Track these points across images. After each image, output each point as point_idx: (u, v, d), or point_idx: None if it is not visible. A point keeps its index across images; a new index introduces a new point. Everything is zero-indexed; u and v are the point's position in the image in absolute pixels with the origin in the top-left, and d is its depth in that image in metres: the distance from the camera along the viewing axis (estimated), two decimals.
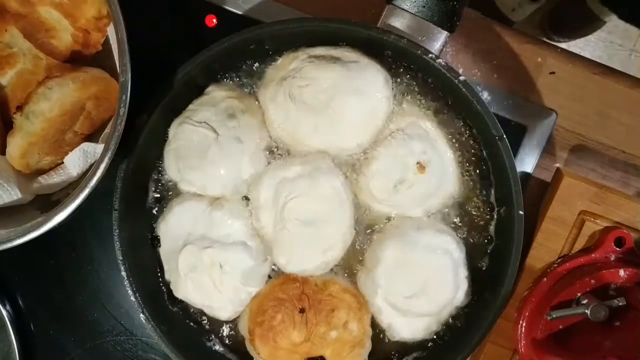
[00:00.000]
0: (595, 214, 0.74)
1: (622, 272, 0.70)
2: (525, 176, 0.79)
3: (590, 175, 0.80)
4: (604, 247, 0.73)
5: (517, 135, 0.79)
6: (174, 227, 0.71)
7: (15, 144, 0.65)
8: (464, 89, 0.66)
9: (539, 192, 0.79)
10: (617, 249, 0.72)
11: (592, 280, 0.71)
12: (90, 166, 0.67)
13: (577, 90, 0.80)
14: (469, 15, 0.77)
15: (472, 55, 0.79)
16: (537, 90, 0.80)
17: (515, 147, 0.79)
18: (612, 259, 0.73)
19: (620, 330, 0.69)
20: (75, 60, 0.68)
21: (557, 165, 0.81)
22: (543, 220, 0.75)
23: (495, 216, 0.71)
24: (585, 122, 0.80)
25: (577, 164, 0.81)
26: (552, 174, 0.79)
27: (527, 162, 0.79)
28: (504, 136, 0.66)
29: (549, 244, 0.75)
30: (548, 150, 0.80)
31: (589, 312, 0.69)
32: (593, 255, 0.73)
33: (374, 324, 0.72)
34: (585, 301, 0.70)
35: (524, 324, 0.73)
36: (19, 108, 0.64)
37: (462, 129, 0.72)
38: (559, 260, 0.75)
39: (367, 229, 0.72)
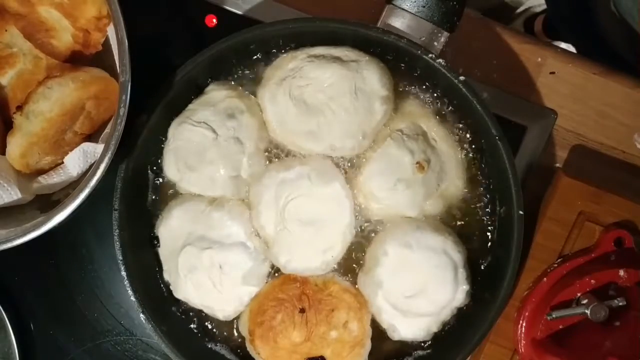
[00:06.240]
0: (595, 214, 0.74)
1: (622, 272, 0.70)
2: (526, 176, 0.79)
3: (590, 175, 0.80)
4: (604, 247, 0.73)
5: (517, 135, 0.79)
6: (174, 227, 0.71)
7: (15, 144, 0.65)
8: (464, 89, 0.66)
9: (539, 192, 0.78)
10: (617, 249, 0.72)
11: (592, 280, 0.71)
12: (90, 166, 0.67)
13: (577, 90, 0.80)
14: (469, 15, 0.77)
15: (472, 55, 0.79)
16: (537, 90, 0.80)
17: (515, 147, 0.78)
18: (612, 259, 0.73)
19: (620, 330, 0.69)
20: (76, 60, 0.68)
21: (557, 165, 0.81)
22: (543, 220, 0.75)
23: (496, 216, 0.71)
24: (585, 122, 0.80)
25: (577, 164, 0.81)
26: (552, 174, 0.78)
27: (527, 162, 0.79)
28: (504, 136, 0.66)
29: (549, 244, 0.75)
30: (548, 150, 0.80)
31: (589, 312, 0.69)
32: (593, 255, 0.73)
33: (374, 324, 0.72)
34: (585, 301, 0.71)
35: (524, 324, 0.73)
36: (19, 108, 0.64)
37: (462, 129, 0.72)
38: (559, 260, 0.75)
39: (367, 228, 0.72)
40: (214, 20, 0.79)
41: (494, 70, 0.80)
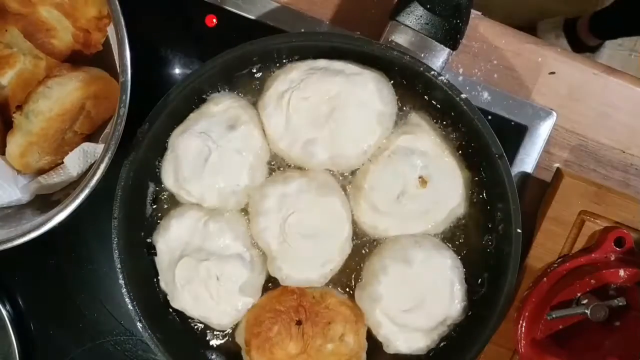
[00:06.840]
0: (595, 214, 0.74)
1: (622, 272, 0.70)
2: (525, 176, 0.79)
3: (590, 175, 0.80)
4: (604, 247, 0.73)
5: (517, 135, 0.79)
6: (172, 237, 0.70)
7: (15, 144, 0.66)
8: (465, 107, 0.65)
9: (539, 192, 0.78)
10: (617, 249, 0.72)
11: (592, 280, 0.71)
12: (90, 166, 0.67)
13: (577, 90, 0.80)
14: None
15: (472, 55, 0.79)
16: (537, 90, 0.80)
17: (515, 147, 0.78)
18: (612, 259, 0.73)
19: (620, 330, 0.69)
20: (76, 60, 0.68)
21: (557, 165, 0.81)
22: (543, 220, 0.75)
23: (494, 233, 0.70)
24: (585, 122, 0.80)
25: (577, 164, 0.81)
26: (552, 174, 0.78)
27: (527, 162, 0.79)
28: (504, 154, 0.65)
29: (549, 244, 0.75)
30: (548, 150, 0.80)
31: (589, 312, 0.69)
32: (593, 255, 0.73)
33: (370, 337, 0.71)
34: (585, 301, 0.71)
35: (524, 324, 0.73)
36: (19, 107, 0.65)
37: (464, 146, 0.71)
38: (559, 260, 0.75)
39: (366, 242, 0.72)
40: (214, 20, 0.79)
41: (494, 70, 0.79)
